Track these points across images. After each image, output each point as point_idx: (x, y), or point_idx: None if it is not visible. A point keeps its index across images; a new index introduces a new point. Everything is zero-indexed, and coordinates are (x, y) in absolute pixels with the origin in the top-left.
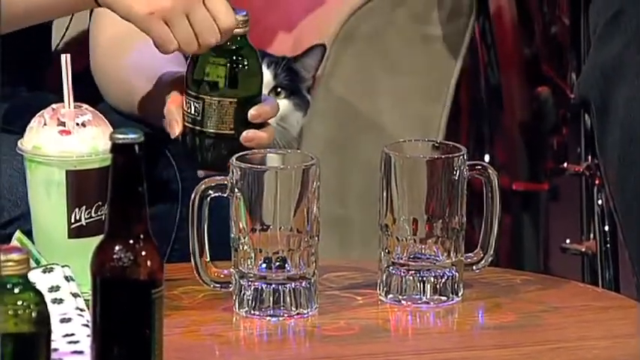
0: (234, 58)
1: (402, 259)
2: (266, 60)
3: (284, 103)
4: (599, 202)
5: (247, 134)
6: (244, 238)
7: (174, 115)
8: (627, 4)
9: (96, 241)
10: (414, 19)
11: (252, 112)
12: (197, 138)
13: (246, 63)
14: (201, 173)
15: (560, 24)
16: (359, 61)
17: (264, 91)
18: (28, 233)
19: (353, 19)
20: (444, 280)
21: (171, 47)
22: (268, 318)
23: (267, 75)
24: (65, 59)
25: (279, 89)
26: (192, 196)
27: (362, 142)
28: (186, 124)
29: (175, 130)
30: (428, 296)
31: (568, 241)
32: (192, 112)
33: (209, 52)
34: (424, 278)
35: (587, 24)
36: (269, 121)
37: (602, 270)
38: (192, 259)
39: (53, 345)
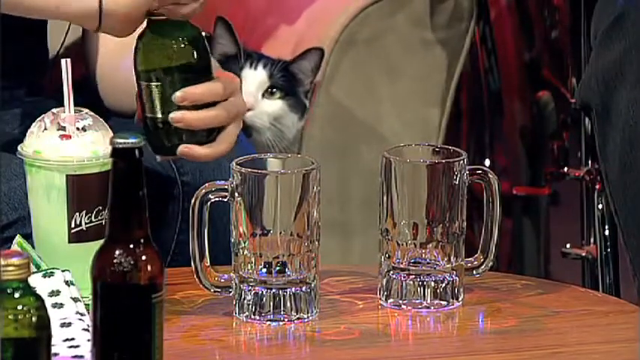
0: (162, 44)
1: (402, 263)
2: (262, 61)
3: (278, 104)
4: (600, 206)
5: (174, 115)
6: (244, 242)
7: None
8: (628, 9)
9: (96, 245)
10: (414, 23)
11: (177, 94)
12: (145, 123)
13: (173, 48)
14: (157, 158)
15: (560, 28)
16: (359, 65)
17: (259, 92)
18: (26, 237)
19: (353, 24)
20: (444, 285)
21: None
22: (268, 322)
23: (263, 75)
24: (65, 64)
25: (273, 89)
26: (193, 200)
27: (362, 146)
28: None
29: (136, 115)
30: (428, 301)
31: (568, 245)
32: (140, 97)
33: (145, 39)
34: (424, 283)
35: (587, 28)
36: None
37: (603, 274)
38: (192, 264)
39: (53, 350)
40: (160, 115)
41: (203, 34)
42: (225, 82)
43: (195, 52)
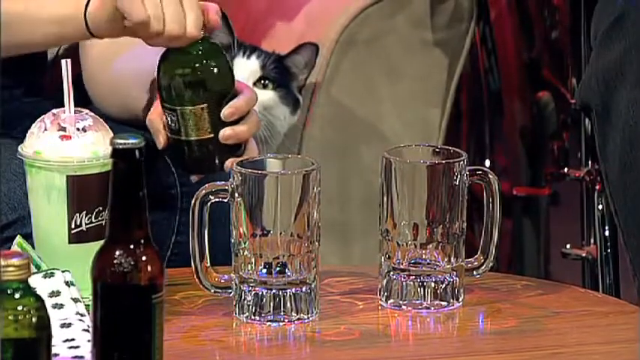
0: (197, 64)
1: (402, 264)
2: (256, 52)
3: (269, 95)
4: (600, 207)
5: (224, 133)
6: (245, 243)
7: (156, 126)
8: (628, 10)
9: (96, 246)
10: (414, 24)
11: (225, 113)
12: (180, 146)
13: (211, 66)
14: (194, 178)
15: (560, 29)
16: (359, 66)
17: (250, 81)
18: (26, 237)
19: (353, 25)
20: (444, 286)
21: (140, 15)
22: (269, 323)
23: (255, 65)
24: (66, 64)
25: (265, 81)
26: (193, 201)
27: (362, 147)
28: (169, 134)
29: (160, 141)
30: (428, 301)
31: (568, 246)
32: (170, 122)
33: (173, 61)
34: (424, 283)
35: (587, 29)
36: (253, 110)
37: (603, 275)
38: (192, 265)
39: (53, 350)
40: (207, 136)
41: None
42: (251, 90)
43: (227, 65)
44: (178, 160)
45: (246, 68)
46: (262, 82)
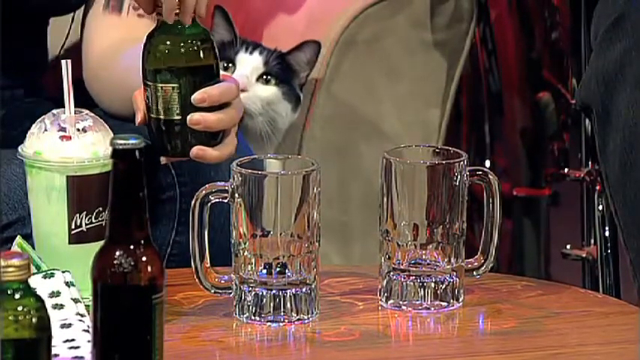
0: (175, 44)
1: (402, 264)
2: (259, 48)
3: (272, 90)
4: (600, 207)
5: (192, 117)
6: (245, 243)
7: (138, 103)
8: (628, 10)
9: (96, 246)
10: (415, 25)
11: (195, 96)
12: (152, 125)
13: (189, 48)
14: (162, 160)
15: (560, 29)
16: (359, 66)
17: (253, 76)
18: (26, 237)
19: (353, 25)
20: (444, 286)
21: None
22: (269, 324)
23: (258, 61)
24: (66, 65)
25: (268, 77)
26: (193, 201)
27: (362, 147)
28: (145, 111)
29: (138, 117)
30: (428, 302)
31: (569, 246)
32: (146, 99)
33: (156, 38)
34: (425, 284)
35: (587, 29)
36: (235, 105)
37: (603, 276)
38: (192, 265)
39: (54, 350)
40: (174, 117)
41: None
42: (234, 83)
43: (210, 53)
44: (151, 139)
45: (249, 63)
46: (265, 77)
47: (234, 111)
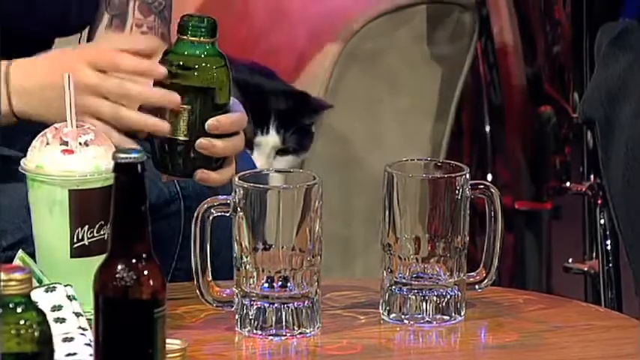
0: (190, 65)
1: (404, 278)
2: (274, 125)
3: (289, 160)
4: (602, 221)
5: (201, 142)
6: (247, 257)
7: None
8: (632, 24)
9: (98, 260)
10: (416, 39)
11: (209, 124)
12: (155, 141)
13: (203, 73)
14: (163, 178)
15: (562, 43)
16: (361, 80)
17: (272, 152)
18: (31, 255)
19: (355, 39)
20: (446, 300)
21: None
22: (271, 337)
23: (275, 139)
24: (68, 78)
25: (286, 150)
26: (195, 215)
27: (364, 161)
28: None
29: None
30: (430, 315)
31: (571, 260)
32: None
33: (173, 53)
34: (426, 297)
35: (589, 43)
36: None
37: (605, 289)
38: (194, 279)
39: None
40: (182, 138)
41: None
42: (243, 112)
43: (224, 77)
44: (153, 154)
45: (267, 144)
46: (283, 152)
47: (240, 139)
